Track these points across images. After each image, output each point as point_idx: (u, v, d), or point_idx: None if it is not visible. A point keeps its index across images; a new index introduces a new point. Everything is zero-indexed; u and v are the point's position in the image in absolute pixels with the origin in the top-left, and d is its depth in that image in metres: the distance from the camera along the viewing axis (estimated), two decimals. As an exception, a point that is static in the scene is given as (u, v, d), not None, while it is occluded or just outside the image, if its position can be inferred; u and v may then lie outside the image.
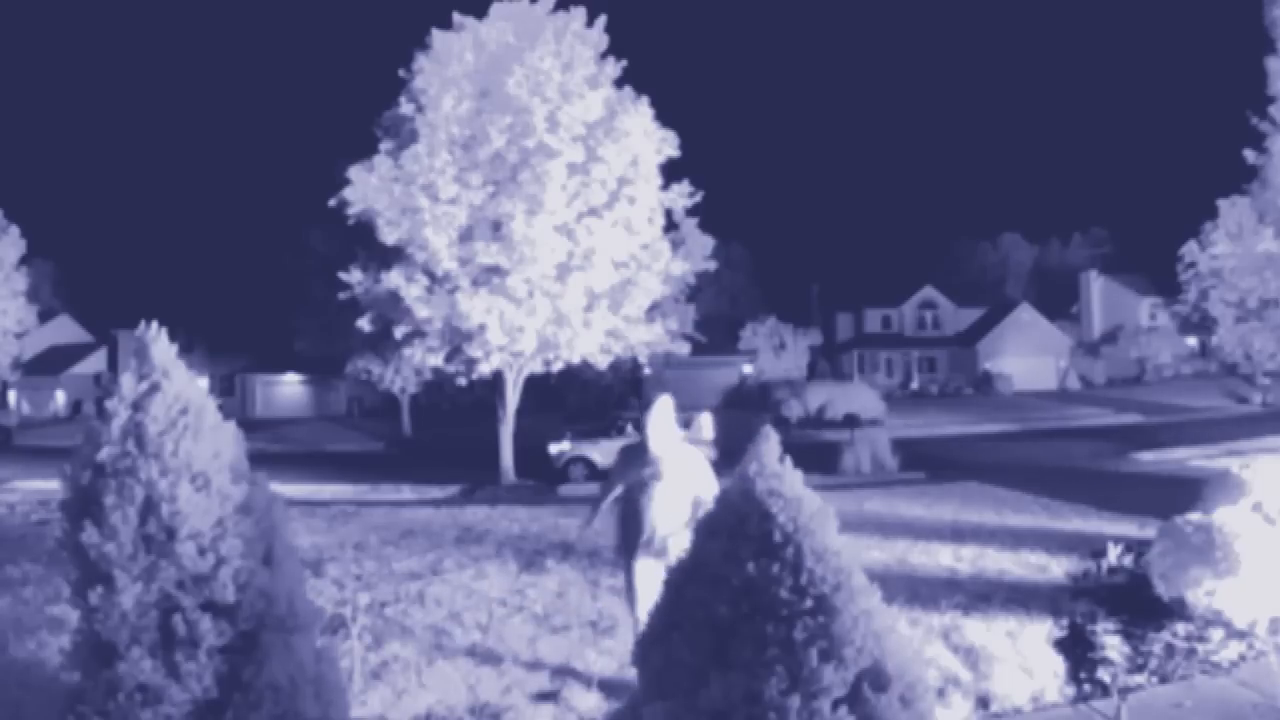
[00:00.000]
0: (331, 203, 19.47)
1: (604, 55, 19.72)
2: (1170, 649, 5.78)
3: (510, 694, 5.52)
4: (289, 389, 54.27)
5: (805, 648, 2.67)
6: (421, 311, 18.96)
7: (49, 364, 54.08)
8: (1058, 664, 5.65)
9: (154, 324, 3.33)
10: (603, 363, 20.66)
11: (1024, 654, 5.89)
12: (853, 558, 2.93)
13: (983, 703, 5.24)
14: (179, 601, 3.07)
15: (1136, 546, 7.39)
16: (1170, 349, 51.13)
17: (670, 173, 20.33)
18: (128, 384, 3.22)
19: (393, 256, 19.67)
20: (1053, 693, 5.33)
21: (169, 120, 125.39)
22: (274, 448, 30.48)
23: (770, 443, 3.04)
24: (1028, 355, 51.05)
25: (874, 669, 2.75)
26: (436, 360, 20.29)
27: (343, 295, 20.81)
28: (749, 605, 2.78)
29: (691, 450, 5.54)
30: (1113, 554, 7.30)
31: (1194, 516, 6.55)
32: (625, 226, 19.23)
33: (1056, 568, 8.24)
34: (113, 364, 53.55)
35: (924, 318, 57.68)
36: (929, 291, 58.29)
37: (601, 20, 19.67)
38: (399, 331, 19.98)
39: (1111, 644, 5.69)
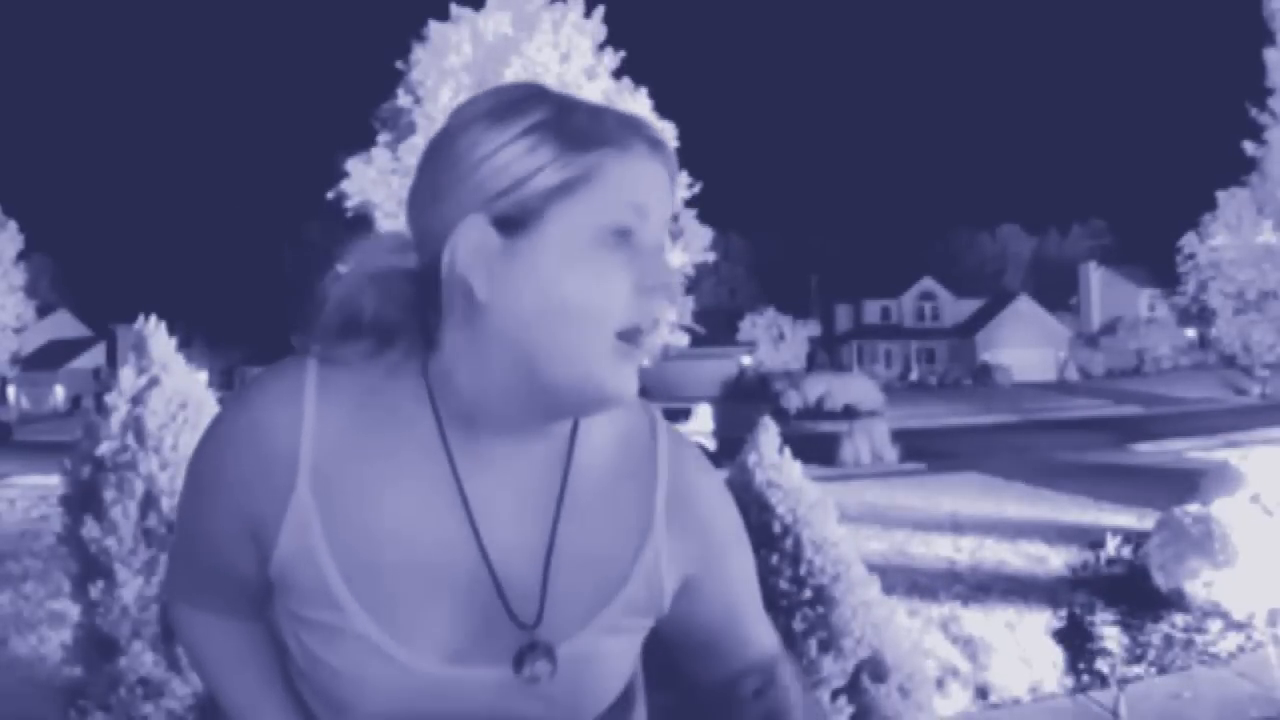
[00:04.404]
0: (329, 195, 19.45)
1: (602, 46, 19.68)
2: (1169, 640, 5.80)
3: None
4: (288, 382, 54.23)
5: (804, 638, 2.68)
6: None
7: (48, 359, 54.08)
8: (1056, 655, 5.66)
9: (153, 318, 3.32)
10: (602, 355, 20.70)
11: (1023, 645, 5.91)
12: (851, 549, 2.94)
13: (981, 693, 5.26)
14: (179, 595, 3.07)
15: (1135, 538, 7.40)
16: (1169, 340, 51.17)
17: (669, 165, 20.34)
18: (127, 378, 3.22)
19: (391, 249, 19.68)
20: (1051, 683, 5.35)
21: (167, 114, 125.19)
22: (273, 441, 30.46)
23: (769, 434, 3.04)
24: (1027, 346, 51.07)
25: (873, 660, 2.76)
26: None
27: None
28: (748, 597, 2.79)
29: None
30: (1111, 545, 7.31)
31: (1192, 508, 6.56)
32: (624, 219, 19.26)
33: (1055, 559, 8.25)
34: (111, 358, 53.52)
35: (923, 309, 57.70)
36: (928, 283, 58.31)
37: (599, 11, 19.63)
38: (398, 325, 19.99)
39: (1110, 635, 5.70)
